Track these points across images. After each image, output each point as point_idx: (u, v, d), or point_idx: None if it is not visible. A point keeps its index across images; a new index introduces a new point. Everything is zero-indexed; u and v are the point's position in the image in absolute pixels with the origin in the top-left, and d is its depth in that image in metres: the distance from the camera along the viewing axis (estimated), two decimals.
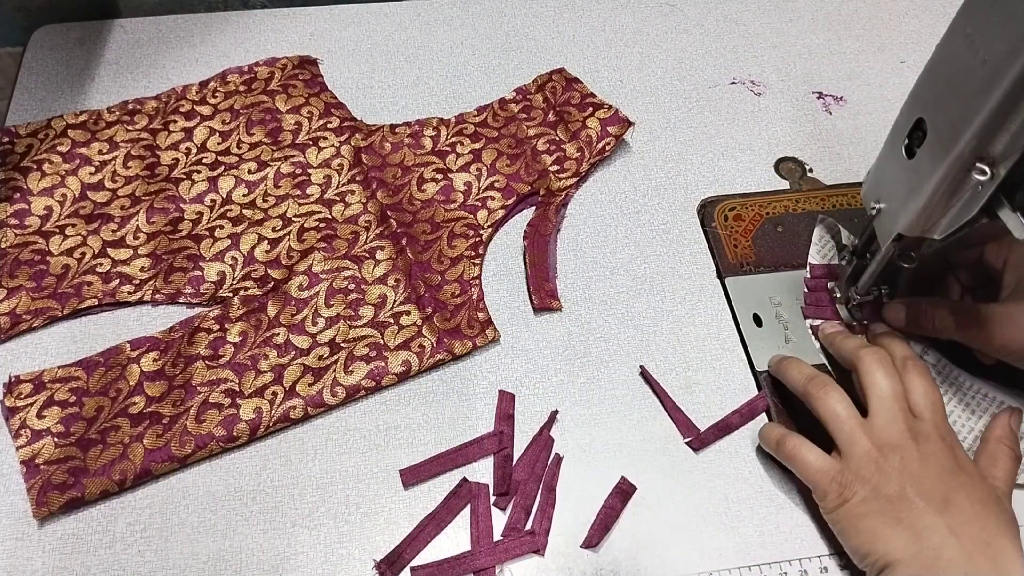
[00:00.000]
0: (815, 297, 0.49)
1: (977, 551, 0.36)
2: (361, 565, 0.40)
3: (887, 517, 0.37)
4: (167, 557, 0.40)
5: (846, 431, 0.40)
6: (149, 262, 0.49)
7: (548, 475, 0.43)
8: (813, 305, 0.49)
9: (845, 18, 0.66)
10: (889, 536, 0.37)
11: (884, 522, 0.37)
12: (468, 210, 0.52)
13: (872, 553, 0.37)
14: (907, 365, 0.42)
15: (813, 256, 0.50)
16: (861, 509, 0.38)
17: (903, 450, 0.38)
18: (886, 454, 0.38)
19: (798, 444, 0.41)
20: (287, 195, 0.52)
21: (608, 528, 0.41)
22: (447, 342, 0.46)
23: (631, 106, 0.58)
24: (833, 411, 0.40)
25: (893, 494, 0.37)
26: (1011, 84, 0.31)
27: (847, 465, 0.39)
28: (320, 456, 0.43)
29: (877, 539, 0.37)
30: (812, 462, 0.40)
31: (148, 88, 0.57)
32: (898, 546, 0.37)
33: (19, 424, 0.42)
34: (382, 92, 0.59)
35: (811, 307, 0.49)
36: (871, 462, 0.38)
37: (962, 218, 0.37)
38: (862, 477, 0.38)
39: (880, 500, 0.38)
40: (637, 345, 0.48)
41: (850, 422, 0.40)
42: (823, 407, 0.41)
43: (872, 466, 0.38)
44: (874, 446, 0.39)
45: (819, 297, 0.49)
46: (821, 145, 0.58)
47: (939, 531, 0.36)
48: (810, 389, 0.42)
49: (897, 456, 0.38)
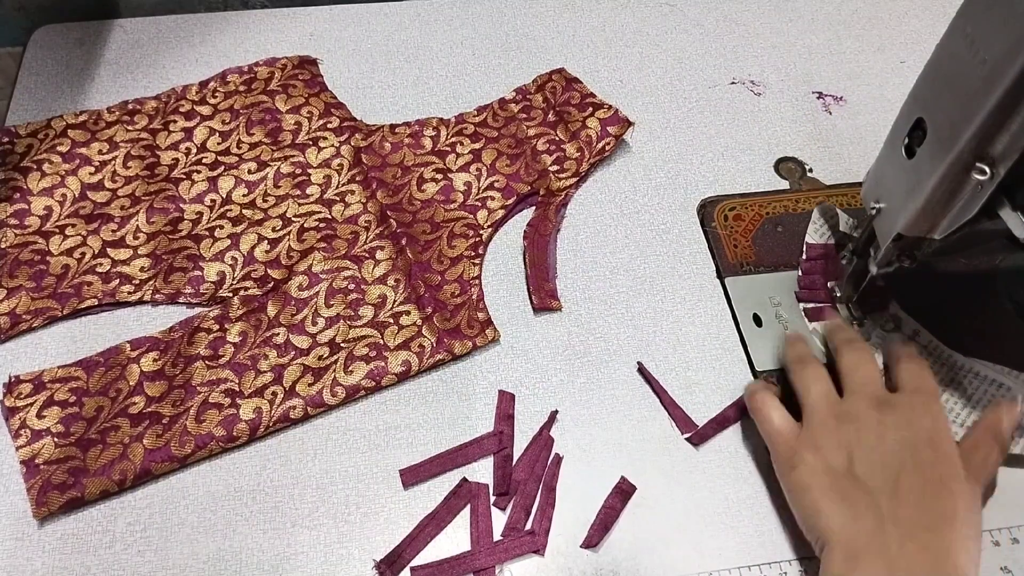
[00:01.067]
0: (809, 280, 0.49)
1: (911, 538, 0.35)
2: (361, 565, 0.40)
3: (832, 493, 0.37)
4: (167, 557, 0.40)
5: (811, 400, 0.40)
6: (149, 262, 0.49)
7: (548, 475, 0.43)
8: (807, 288, 0.49)
9: (845, 18, 0.66)
10: (829, 513, 0.37)
11: (827, 498, 0.37)
12: (468, 210, 0.52)
13: (814, 528, 0.37)
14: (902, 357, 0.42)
15: (810, 236, 0.50)
16: (808, 480, 0.38)
17: (861, 419, 0.38)
18: (842, 422, 0.38)
19: (768, 400, 0.41)
20: (287, 195, 0.52)
21: (608, 528, 0.41)
22: (447, 342, 0.46)
23: (631, 106, 0.58)
24: (806, 383, 0.41)
25: (839, 468, 0.37)
26: (1011, 84, 0.31)
27: (803, 433, 0.39)
28: (320, 456, 0.43)
29: (819, 515, 0.37)
30: (774, 420, 0.40)
31: (148, 88, 0.57)
32: (835, 525, 0.36)
33: (19, 424, 0.42)
34: (382, 92, 0.59)
35: (805, 290, 0.49)
36: (827, 430, 0.38)
37: (962, 218, 0.37)
38: (814, 445, 0.38)
39: (828, 474, 0.37)
40: (637, 345, 0.48)
41: (819, 393, 0.40)
42: (799, 379, 0.41)
43: (826, 434, 0.38)
44: (833, 415, 0.39)
45: (813, 280, 0.49)
46: (821, 145, 0.58)
47: (877, 514, 0.36)
48: (793, 365, 0.42)
49: (853, 426, 0.38)
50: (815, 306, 0.49)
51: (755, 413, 0.42)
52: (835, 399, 0.40)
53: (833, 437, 0.38)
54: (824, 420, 0.39)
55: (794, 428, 0.40)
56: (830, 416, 0.39)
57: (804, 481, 0.38)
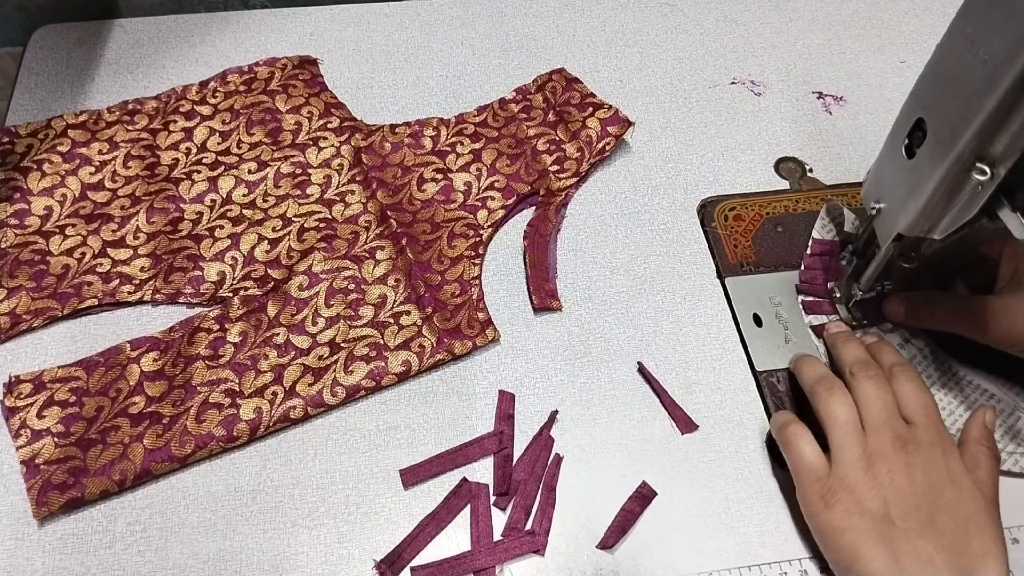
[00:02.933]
0: (810, 275, 0.49)
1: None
2: (361, 565, 0.40)
3: (869, 536, 0.37)
4: (167, 557, 0.40)
5: (839, 435, 0.39)
6: (149, 262, 0.49)
7: (548, 475, 0.43)
8: (808, 282, 0.49)
9: (845, 18, 0.66)
10: (869, 557, 0.37)
11: (864, 541, 0.37)
12: (468, 210, 0.52)
13: (851, 571, 0.37)
14: (895, 372, 0.42)
15: (817, 231, 0.50)
16: (844, 522, 0.38)
17: (891, 461, 0.38)
18: (874, 463, 0.38)
19: (800, 433, 0.41)
20: (287, 195, 0.52)
21: (626, 531, 0.41)
22: (447, 342, 0.46)
23: (631, 106, 0.58)
24: (833, 413, 0.40)
25: (877, 512, 0.37)
26: (1011, 84, 0.31)
27: (835, 470, 0.39)
28: (320, 456, 0.43)
29: (857, 558, 0.37)
30: (807, 455, 0.40)
31: (148, 88, 0.57)
32: (877, 569, 0.36)
33: (19, 424, 0.42)
34: (382, 92, 0.59)
35: (805, 284, 0.49)
36: (859, 471, 0.38)
37: (962, 218, 0.37)
38: (847, 485, 0.38)
39: (864, 516, 0.37)
40: (637, 345, 0.48)
41: (846, 427, 0.39)
42: (824, 408, 0.41)
43: (859, 475, 0.38)
44: (863, 455, 0.39)
45: (815, 275, 0.49)
46: (821, 145, 0.58)
47: (918, 557, 0.36)
48: (817, 388, 0.42)
49: (885, 467, 0.38)
50: (813, 299, 0.49)
51: (786, 446, 0.41)
52: (861, 433, 0.39)
53: (866, 478, 0.38)
54: (855, 459, 0.39)
55: (825, 465, 0.39)
56: (861, 455, 0.39)
57: (839, 524, 0.38)
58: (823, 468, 0.39)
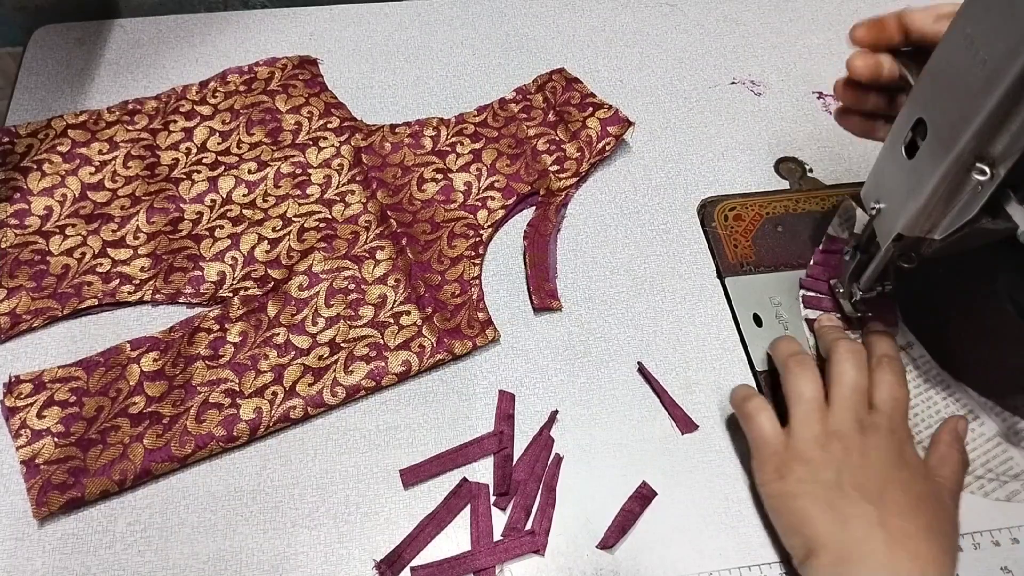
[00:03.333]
0: (817, 271, 0.49)
1: (898, 544, 0.36)
2: (361, 565, 0.40)
3: (819, 501, 0.38)
4: (167, 557, 0.40)
5: (802, 411, 0.40)
6: (149, 262, 0.49)
7: (548, 475, 0.43)
8: (813, 277, 0.49)
9: (845, 18, 0.66)
10: (817, 521, 0.37)
11: (815, 506, 0.38)
12: (468, 210, 0.52)
13: (799, 535, 0.38)
14: (882, 362, 0.42)
15: (832, 228, 0.50)
16: (795, 488, 0.38)
17: (847, 439, 0.39)
18: (830, 440, 0.39)
19: (760, 407, 0.41)
20: (287, 195, 0.52)
21: (626, 531, 0.41)
22: (447, 342, 0.46)
23: (631, 106, 0.58)
24: (799, 389, 0.41)
25: (829, 480, 0.38)
26: (1011, 84, 0.31)
27: (792, 443, 0.40)
28: (320, 456, 0.43)
29: (806, 522, 0.38)
30: (765, 428, 0.41)
31: (148, 88, 0.57)
32: (823, 531, 0.37)
33: (19, 424, 0.42)
34: (382, 92, 0.59)
35: (810, 278, 0.49)
36: (816, 447, 0.39)
37: (962, 218, 0.37)
38: (802, 458, 0.39)
39: (816, 484, 0.38)
40: (637, 345, 0.48)
41: (809, 404, 0.40)
42: (792, 383, 0.41)
43: (815, 450, 0.39)
44: (823, 432, 0.39)
45: (821, 272, 0.49)
46: (821, 145, 0.58)
47: (866, 521, 0.37)
48: (789, 362, 0.42)
49: (840, 444, 0.39)
50: (815, 295, 0.49)
51: (745, 419, 0.42)
52: (823, 410, 0.40)
53: (821, 452, 0.39)
54: (814, 438, 0.39)
55: (782, 436, 0.40)
56: (820, 432, 0.39)
57: (792, 490, 0.39)
58: (780, 440, 0.40)
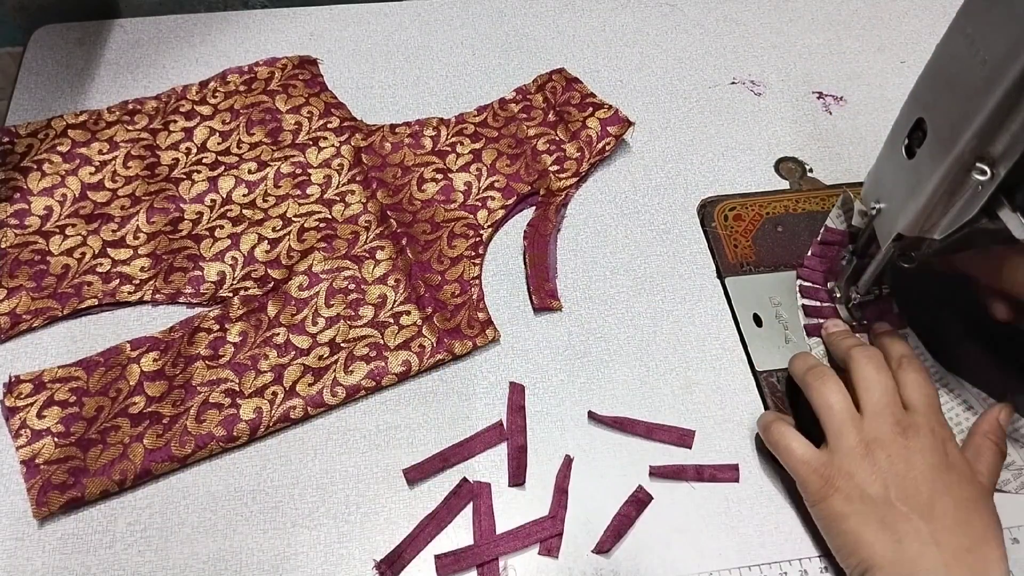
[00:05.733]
0: (814, 261, 0.49)
1: (956, 560, 0.36)
2: (361, 565, 0.40)
3: (869, 520, 0.37)
4: (167, 557, 0.40)
5: (836, 423, 0.39)
6: (149, 262, 0.49)
7: (559, 477, 0.42)
8: (808, 268, 0.49)
9: (845, 18, 0.66)
10: (870, 541, 0.37)
11: (866, 525, 0.37)
12: (468, 210, 0.52)
13: (853, 556, 0.37)
14: (903, 362, 0.42)
15: (831, 220, 0.49)
16: (844, 508, 0.38)
17: (890, 447, 0.38)
18: (873, 450, 0.38)
19: (785, 431, 0.41)
20: (287, 195, 0.52)
21: (621, 535, 0.41)
22: (447, 342, 0.46)
23: (631, 106, 0.59)
24: (827, 402, 0.40)
25: (877, 496, 0.37)
26: (1011, 84, 0.31)
27: (832, 459, 0.39)
28: (320, 456, 0.43)
29: (859, 543, 0.37)
30: (796, 450, 0.40)
31: (148, 88, 0.57)
32: (878, 551, 0.36)
33: (19, 424, 0.42)
34: (382, 92, 0.59)
35: (806, 269, 0.49)
36: (857, 457, 0.38)
37: (962, 218, 0.37)
38: (846, 472, 0.38)
39: (864, 501, 0.37)
40: (637, 345, 0.48)
41: (841, 415, 0.39)
42: (818, 396, 0.41)
43: (858, 462, 0.38)
44: (861, 441, 0.39)
45: (819, 262, 0.49)
46: (821, 145, 0.58)
47: (920, 538, 0.36)
48: (808, 378, 0.42)
49: (884, 453, 0.38)
50: (811, 285, 0.49)
51: (774, 446, 0.41)
52: (858, 420, 0.39)
53: (864, 464, 0.38)
54: (853, 447, 0.38)
55: (818, 456, 0.39)
56: (858, 442, 0.39)
57: (840, 510, 0.38)
58: (817, 459, 0.39)
